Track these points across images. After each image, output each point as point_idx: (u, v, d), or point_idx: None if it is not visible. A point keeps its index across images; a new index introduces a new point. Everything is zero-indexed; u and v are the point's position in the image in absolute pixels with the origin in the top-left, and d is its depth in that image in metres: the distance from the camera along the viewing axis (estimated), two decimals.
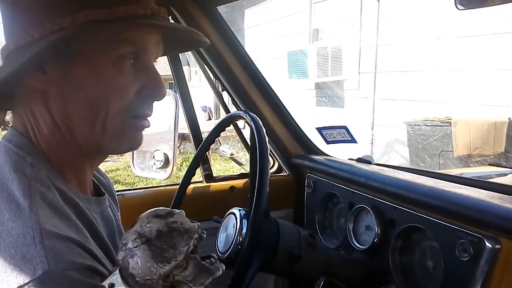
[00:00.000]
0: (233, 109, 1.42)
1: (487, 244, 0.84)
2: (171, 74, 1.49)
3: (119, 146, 0.71)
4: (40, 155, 0.67)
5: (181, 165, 6.20)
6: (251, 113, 0.99)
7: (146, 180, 4.38)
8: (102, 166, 0.88)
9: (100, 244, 0.66)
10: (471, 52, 4.34)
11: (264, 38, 7.97)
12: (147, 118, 0.71)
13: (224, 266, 0.62)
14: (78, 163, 0.71)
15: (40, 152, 0.67)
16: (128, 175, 5.89)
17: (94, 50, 0.64)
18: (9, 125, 0.72)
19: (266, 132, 0.96)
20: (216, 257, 0.62)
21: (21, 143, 0.67)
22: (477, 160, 3.89)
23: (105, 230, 0.72)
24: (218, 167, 6.09)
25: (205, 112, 9.59)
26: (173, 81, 1.50)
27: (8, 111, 0.74)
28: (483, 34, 4.25)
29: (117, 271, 0.56)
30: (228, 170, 5.75)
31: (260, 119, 1.00)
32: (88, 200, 0.72)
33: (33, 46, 0.61)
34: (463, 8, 0.72)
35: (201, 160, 1.31)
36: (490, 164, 3.07)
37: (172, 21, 0.69)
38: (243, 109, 1.49)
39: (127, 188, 2.44)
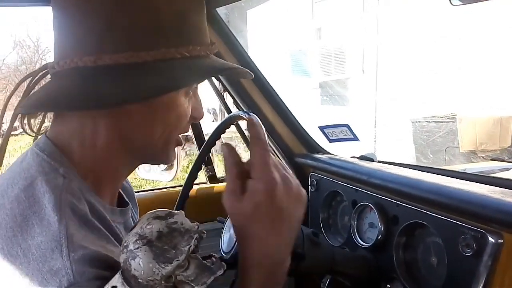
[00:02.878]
0: (235, 110, 1.42)
1: (490, 239, 0.84)
2: None
3: (165, 159, 0.77)
4: (72, 167, 0.67)
5: (187, 167, 6.21)
6: (251, 113, 1.00)
7: (153, 183, 4.39)
8: None
9: None
10: (477, 50, 4.33)
11: (267, 38, 7.98)
12: None
13: (225, 265, 0.62)
14: (113, 177, 0.74)
15: (73, 164, 0.68)
16: (135, 178, 5.90)
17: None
18: (42, 132, 0.74)
19: (268, 131, 0.97)
20: (216, 256, 0.63)
21: (54, 154, 0.67)
22: (482, 156, 3.88)
23: None
24: (223, 168, 6.09)
25: (210, 114, 9.61)
26: None
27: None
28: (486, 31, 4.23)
29: (119, 273, 0.57)
30: None
31: (261, 119, 1.00)
32: (113, 211, 0.74)
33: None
34: (458, 3, 0.72)
35: (202, 162, 1.32)
36: (492, 159, 3.06)
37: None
38: (244, 109, 1.50)
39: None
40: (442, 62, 4.62)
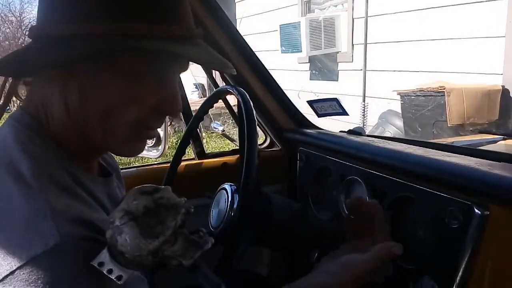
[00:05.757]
0: (222, 85, 1.41)
1: (476, 211, 0.85)
2: None
3: (124, 151, 0.74)
4: (49, 138, 0.68)
5: (176, 144, 6.19)
6: (238, 88, 0.99)
7: (142, 160, 4.38)
8: None
9: None
10: (463, 20, 4.31)
11: (255, 11, 7.87)
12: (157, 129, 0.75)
13: (213, 240, 0.62)
14: (86, 151, 0.73)
15: (49, 134, 0.68)
16: None
17: (125, 60, 0.65)
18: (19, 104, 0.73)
19: (256, 106, 0.96)
20: (204, 230, 0.62)
21: (31, 125, 0.68)
22: (470, 129, 3.90)
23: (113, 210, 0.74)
24: (213, 145, 6.09)
25: (198, 89, 9.51)
26: None
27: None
28: (473, 2, 4.21)
29: (106, 249, 0.56)
30: (224, 148, 5.75)
31: (250, 94, 1.00)
32: (94, 180, 0.74)
33: (77, 42, 0.61)
34: None
35: (190, 137, 1.31)
36: (480, 132, 3.07)
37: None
38: (232, 84, 1.48)
39: (122, 167, 2.44)
40: (430, 30, 4.60)
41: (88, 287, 0.56)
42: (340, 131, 1.49)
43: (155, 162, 1.63)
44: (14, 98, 0.75)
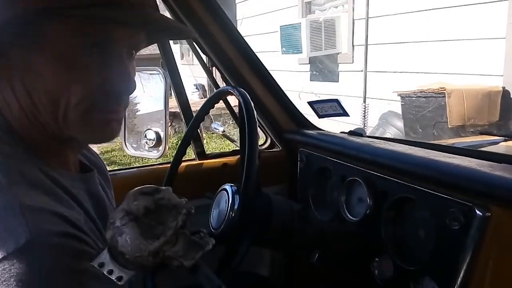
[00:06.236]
0: (223, 86, 1.40)
1: (477, 212, 0.84)
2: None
3: (87, 138, 0.71)
4: (17, 135, 0.66)
5: (176, 144, 6.19)
6: (239, 88, 0.99)
7: (142, 160, 4.38)
8: (97, 147, 0.87)
9: (88, 219, 0.67)
10: (464, 21, 4.31)
11: (256, 12, 7.87)
12: (119, 111, 0.70)
13: (214, 240, 0.62)
14: (55, 146, 0.70)
15: (17, 132, 0.66)
16: (124, 156, 5.86)
17: (56, 38, 0.61)
18: None
19: (257, 107, 0.96)
20: (205, 231, 0.62)
21: None
22: (471, 130, 3.89)
23: (92, 207, 0.72)
24: (214, 145, 6.08)
25: (198, 90, 9.51)
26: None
27: None
28: (474, 3, 4.21)
29: (106, 250, 0.56)
30: (224, 148, 5.74)
31: (250, 94, 0.99)
32: (72, 177, 0.71)
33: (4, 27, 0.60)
34: None
35: (191, 138, 1.31)
36: (481, 133, 3.07)
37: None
38: (233, 85, 1.48)
39: (122, 168, 2.44)
40: (431, 31, 4.60)
41: (63, 283, 0.54)
42: (341, 132, 1.48)
43: (156, 163, 1.63)
44: None
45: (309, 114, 1.59)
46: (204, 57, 1.50)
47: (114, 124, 0.70)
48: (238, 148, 1.61)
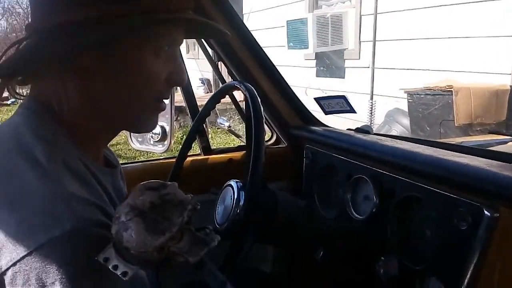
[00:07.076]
0: (229, 81, 1.40)
1: (486, 212, 0.83)
2: None
3: (144, 126, 0.77)
4: (60, 124, 0.69)
5: (181, 139, 6.18)
6: (245, 83, 0.98)
7: (147, 154, 4.38)
8: None
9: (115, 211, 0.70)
10: (472, 19, 4.27)
11: (263, 6, 7.84)
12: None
13: (219, 237, 0.61)
14: (97, 138, 0.75)
15: (60, 121, 0.69)
16: (129, 149, 5.87)
17: (139, 38, 0.67)
18: (24, 96, 0.74)
19: (263, 103, 0.95)
20: (210, 228, 0.62)
21: (42, 111, 0.69)
22: (478, 129, 3.87)
23: (117, 200, 0.75)
24: (219, 140, 6.08)
25: (204, 85, 9.49)
26: None
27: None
28: (483, 0, 4.18)
29: (111, 244, 0.56)
30: (229, 143, 5.74)
31: (256, 90, 0.98)
32: (103, 170, 0.75)
33: (87, 30, 0.63)
34: None
35: (196, 132, 1.30)
36: (490, 132, 3.04)
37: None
38: (239, 80, 1.47)
39: (128, 162, 2.44)
40: (439, 28, 4.56)
41: (101, 271, 0.56)
42: (348, 129, 1.47)
43: (161, 157, 1.63)
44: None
45: (316, 111, 1.58)
46: (210, 51, 1.49)
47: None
48: (244, 144, 1.61)
